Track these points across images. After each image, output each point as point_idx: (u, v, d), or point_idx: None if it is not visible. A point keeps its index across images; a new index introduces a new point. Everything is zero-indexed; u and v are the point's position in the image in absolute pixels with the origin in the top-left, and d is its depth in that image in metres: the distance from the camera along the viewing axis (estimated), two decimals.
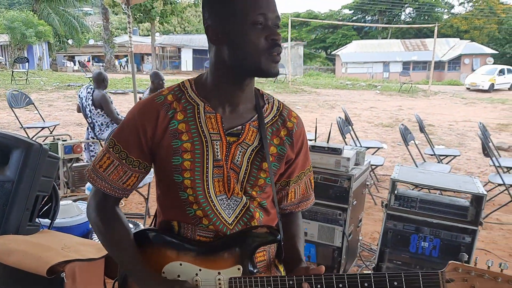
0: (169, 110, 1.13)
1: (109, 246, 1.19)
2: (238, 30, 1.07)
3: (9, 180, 2.42)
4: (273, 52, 1.08)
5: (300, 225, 1.33)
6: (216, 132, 1.13)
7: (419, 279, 1.06)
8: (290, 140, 1.22)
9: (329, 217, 3.01)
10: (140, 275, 1.13)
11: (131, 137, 1.14)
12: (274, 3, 1.10)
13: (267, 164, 1.16)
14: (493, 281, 1.04)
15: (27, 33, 24.99)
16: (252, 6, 1.06)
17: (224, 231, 1.15)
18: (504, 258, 3.80)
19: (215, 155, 1.13)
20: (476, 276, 1.04)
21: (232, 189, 1.15)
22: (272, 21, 1.09)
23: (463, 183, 2.99)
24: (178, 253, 1.15)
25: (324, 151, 3.01)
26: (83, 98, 5.58)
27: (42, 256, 2.04)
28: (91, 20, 45.65)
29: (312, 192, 1.36)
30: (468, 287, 1.05)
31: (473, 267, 1.05)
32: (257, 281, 1.10)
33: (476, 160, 6.89)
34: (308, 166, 1.32)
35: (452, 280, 1.05)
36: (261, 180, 1.17)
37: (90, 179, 1.19)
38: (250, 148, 1.16)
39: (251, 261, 1.14)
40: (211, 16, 1.11)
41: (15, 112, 6.79)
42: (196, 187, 1.13)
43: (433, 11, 43.91)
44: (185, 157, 1.12)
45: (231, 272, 1.12)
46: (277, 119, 1.21)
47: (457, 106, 14.57)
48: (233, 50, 1.09)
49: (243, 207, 1.17)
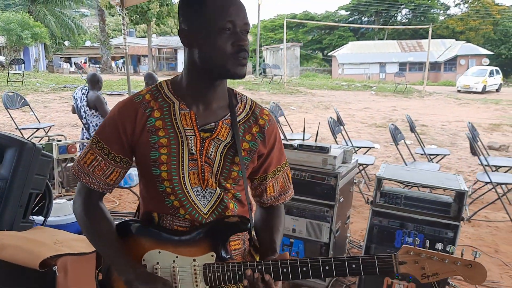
0: (147, 109, 1.21)
1: (93, 238, 1.27)
2: (208, 35, 1.14)
3: (3, 178, 2.50)
4: (239, 56, 1.16)
5: (281, 218, 1.40)
6: (191, 128, 1.21)
7: (375, 262, 1.15)
8: (262, 136, 1.29)
9: (317, 214, 3.09)
10: (120, 266, 1.20)
11: (112, 134, 1.22)
12: (244, 11, 1.17)
13: (239, 158, 1.24)
14: (441, 262, 1.13)
15: (23, 34, 25.01)
16: (221, 13, 1.13)
17: (199, 220, 1.23)
18: (490, 254, 3.88)
19: (189, 149, 1.20)
20: (426, 258, 1.13)
21: (207, 181, 1.23)
22: (240, 27, 1.16)
23: (446, 180, 3.06)
24: (157, 242, 1.22)
25: (312, 150, 3.08)
26: (78, 99, 5.64)
27: (34, 251, 2.11)
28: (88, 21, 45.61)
29: (290, 186, 1.43)
30: (418, 268, 1.14)
31: (423, 250, 1.14)
32: (229, 267, 1.18)
33: (467, 160, 6.98)
34: (284, 161, 1.39)
35: (405, 262, 1.14)
36: (234, 173, 1.25)
37: (76, 174, 1.26)
38: (223, 143, 1.23)
39: (224, 249, 1.21)
40: (184, 21, 1.19)
41: (11, 113, 6.85)
42: (173, 179, 1.21)
43: (429, 12, 44.14)
44: (162, 152, 1.20)
45: (205, 259, 1.19)
46: (249, 117, 1.29)
47: (451, 107, 14.69)
48: (203, 53, 1.17)
49: (218, 198, 1.24)
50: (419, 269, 1.14)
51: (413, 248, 1.14)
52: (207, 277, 1.19)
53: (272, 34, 44.91)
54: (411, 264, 1.14)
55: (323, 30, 46.09)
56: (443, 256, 1.13)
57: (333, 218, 3.05)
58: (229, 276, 1.18)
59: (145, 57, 34.06)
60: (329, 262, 1.16)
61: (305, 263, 1.16)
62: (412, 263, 1.14)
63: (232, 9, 1.14)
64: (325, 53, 45.69)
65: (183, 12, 1.19)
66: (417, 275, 1.14)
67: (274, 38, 43.55)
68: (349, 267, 1.15)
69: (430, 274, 1.13)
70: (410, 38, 39.60)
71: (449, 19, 44.00)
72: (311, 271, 1.16)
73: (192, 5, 1.17)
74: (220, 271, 1.18)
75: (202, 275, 1.19)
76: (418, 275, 1.14)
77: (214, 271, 1.18)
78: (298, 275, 1.16)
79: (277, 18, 46.66)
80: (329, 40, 45.00)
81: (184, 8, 1.19)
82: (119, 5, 5.90)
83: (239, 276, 1.17)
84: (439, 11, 46.29)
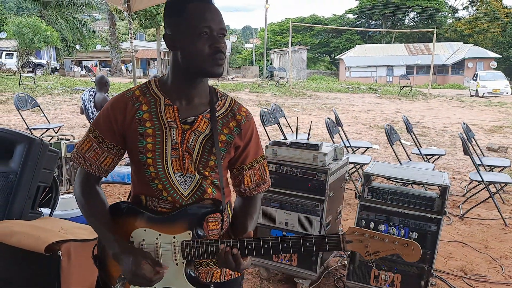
0: (136, 103, 1.39)
1: (88, 217, 1.44)
2: (188, 39, 1.32)
3: (13, 171, 2.67)
4: (216, 57, 1.33)
5: (256, 207, 1.56)
6: (173, 121, 1.38)
7: (325, 240, 1.30)
8: (239, 130, 1.46)
9: (308, 208, 3.23)
10: (109, 241, 1.37)
11: (105, 124, 1.39)
12: (220, 17, 1.33)
13: (216, 149, 1.41)
14: (382, 241, 1.27)
15: (35, 38, 25.45)
16: (199, 19, 1.29)
17: (180, 202, 1.40)
18: (480, 250, 4.01)
19: (172, 139, 1.37)
20: (369, 238, 1.27)
21: (187, 168, 1.39)
22: (217, 31, 1.31)
23: (431, 176, 3.21)
24: (144, 221, 1.39)
25: (303, 147, 3.23)
26: (86, 101, 5.86)
27: (41, 236, 2.29)
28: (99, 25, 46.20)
29: (267, 178, 1.58)
30: (363, 246, 1.28)
31: (367, 231, 1.28)
32: (203, 243, 1.35)
33: (466, 160, 7.07)
34: (261, 154, 1.55)
35: (351, 241, 1.29)
36: (211, 162, 1.41)
37: (75, 159, 1.44)
38: (202, 135, 1.40)
39: (199, 228, 1.38)
40: (168, 26, 1.37)
41: (22, 114, 7.09)
42: (157, 165, 1.38)
43: (436, 15, 44.01)
44: (148, 141, 1.37)
45: (183, 236, 1.36)
46: (228, 112, 1.46)
47: (454, 109, 14.72)
48: (185, 55, 1.34)
49: (197, 183, 1.41)
50: (363, 247, 1.28)
51: (358, 229, 1.28)
52: (184, 252, 1.35)
53: (280, 38, 45.10)
54: (356, 242, 1.28)
55: (331, 33, 46.17)
56: (383, 236, 1.27)
57: (323, 212, 3.19)
58: (203, 252, 1.34)
59: (154, 60, 34.43)
60: (286, 240, 1.31)
61: (266, 241, 1.32)
62: (357, 242, 1.28)
63: (208, 15, 1.30)
64: (332, 56, 45.77)
65: (167, 19, 1.37)
66: (362, 252, 1.29)
67: (281, 41, 43.72)
68: (303, 244, 1.31)
69: (372, 252, 1.27)
70: (417, 41, 39.55)
71: (457, 22, 43.87)
72: (271, 247, 1.32)
73: (174, 13, 1.34)
74: (195, 247, 1.34)
75: (180, 251, 1.35)
76: (362, 252, 1.28)
77: (190, 247, 1.35)
78: (261, 251, 1.32)
79: (284, 21, 46.81)
80: (336, 43, 45.07)
81: (168, 16, 1.36)
82: (127, 10, 6.13)
83: (211, 252, 1.34)
84: (447, 14, 46.15)
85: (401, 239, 1.27)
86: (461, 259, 3.81)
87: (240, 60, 49.61)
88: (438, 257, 3.62)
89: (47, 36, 26.27)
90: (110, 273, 1.43)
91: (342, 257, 3.66)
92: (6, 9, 40.91)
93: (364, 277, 3.11)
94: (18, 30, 25.28)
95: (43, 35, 25.93)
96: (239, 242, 1.33)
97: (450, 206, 5.09)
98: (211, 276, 1.47)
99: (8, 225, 2.46)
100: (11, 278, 2.42)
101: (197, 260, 1.40)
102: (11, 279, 2.42)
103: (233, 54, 46.92)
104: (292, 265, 3.25)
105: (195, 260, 1.39)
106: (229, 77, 30.13)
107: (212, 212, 1.41)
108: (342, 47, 43.64)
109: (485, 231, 4.48)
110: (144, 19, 28.36)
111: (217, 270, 1.48)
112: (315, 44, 46.38)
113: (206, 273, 1.46)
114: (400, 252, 1.27)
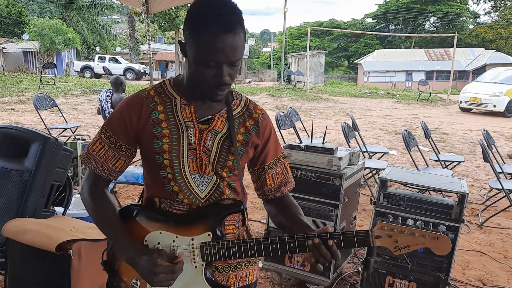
0: (151, 103, 1.35)
1: (98, 221, 1.40)
2: (195, 60, 1.25)
3: (28, 169, 2.69)
4: (218, 89, 1.28)
5: (295, 203, 1.51)
6: (190, 121, 1.35)
7: (354, 236, 1.26)
8: (256, 128, 1.42)
9: (322, 213, 3.18)
10: (121, 244, 1.32)
11: (119, 125, 1.35)
12: (233, 48, 1.22)
13: (234, 149, 1.37)
14: (411, 235, 1.25)
15: (56, 40, 25.94)
16: (209, 49, 1.21)
17: (197, 204, 1.36)
18: (499, 260, 3.90)
19: (189, 139, 1.34)
20: (398, 232, 1.25)
21: (204, 169, 1.35)
22: (227, 63, 1.24)
23: (449, 183, 3.13)
24: (158, 224, 1.34)
25: (318, 151, 3.19)
26: (103, 101, 5.92)
27: (52, 235, 2.29)
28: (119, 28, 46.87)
29: (289, 177, 1.53)
30: (392, 241, 1.25)
31: (396, 226, 1.25)
32: (224, 244, 1.30)
33: (485, 168, 6.91)
34: (281, 153, 1.51)
35: (380, 237, 1.25)
36: (229, 162, 1.37)
37: (85, 161, 1.40)
38: (219, 134, 1.37)
39: (219, 228, 1.33)
40: (184, 36, 1.30)
41: (41, 114, 7.20)
42: (174, 166, 1.34)
43: (458, 20, 43.41)
44: (164, 141, 1.33)
45: (202, 238, 1.31)
46: (244, 111, 1.43)
47: (474, 116, 14.44)
48: (191, 70, 1.30)
49: (214, 184, 1.37)
50: (393, 242, 1.25)
51: (387, 224, 1.25)
52: (204, 254, 1.30)
53: (298, 42, 45.01)
54: (385, 238, 1.25)
55: (349, 38, 45.91)
56: (413, 230, 1.25)
57: (337, 217, 3.14)
58: (223, 253, 1.30)
59: (173, 63, 34.72)
60: (313, 237, 1.26)
61: (292, 239, 1.27)
62: (386, 237, 1.25)
63: (220, 46, 1.20)
64: (350, 60, 45.48)
65: (185, 27, 1.28)
66: (391, 248, 1.25)
67: (299, 45, 43.64)
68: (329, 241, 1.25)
69: (402, 247, 1.25)
70: (437, 46, 39.03)
71: (479, 27, 43.17)
72: (297, 246, 1.27)
73: (190, 28, 1.25)
74: (216, 248, 1.30)
75: (199, 253, 1.31)
76: (391, 247, 1.25)
77: (210, 249, 1.30)
78: (286, 250, 1.28)
79: (303, 25, 46.75)
80: (355, 48, 44.78)
81: (186, 24, 1.28)
82: (145, 12, 6.17)
83: (233, 253, 1.30)
84: (468, 20, 45.48)
85: (431, 233, 1.24)
86: (479, 268, 3.71)
87: (257, 63, 49.66)
88: (455, 266, 3.53)
89: (68, 37, 26.76)
90: (121, 279, 1.39)
91: (356, 263, 3.60)
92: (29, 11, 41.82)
93: (379, 285, 3.04)
94: (40, 31, 25.81)
95: (64, 36, 26.42)
96: (263, 241, 1.29)
97: (469, 214, 4.96)
98: (226, 281, 1.43)
99: (21, 223, 2.47)
100: (22, 275, 2.43)
101: (214, 263, 1.36)
102: (22, 277, 2.43)
103: (251, 58, 47.02)
104: (305, 271, 3.20)
105: (214, 262, 1.34)
106: (247, 81, 30.17)
107: (233, 211, 1.37)
108: (360, 51, 43.33)
109: (505, 240, 4.36)
110: (163, 21, 28.57)
111: (232, 276, 1.44)
112: (334, 49, 46.16)
113: (221, 278, 1.42)
114: (430, 246, 1.25)
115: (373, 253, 3.08)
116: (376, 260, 3.06)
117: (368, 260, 3.08)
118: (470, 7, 47.02)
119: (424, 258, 2.90)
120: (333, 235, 1.26)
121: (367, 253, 3.10)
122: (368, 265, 3.06)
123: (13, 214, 2.61)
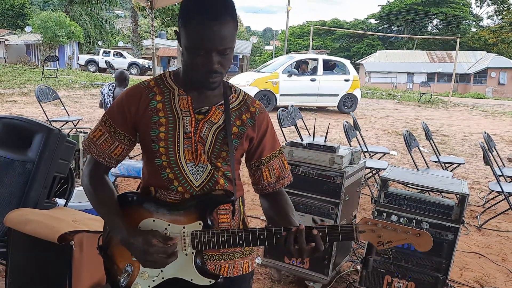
0: (150, 93, 1.40)
1: (96, 205, 1.44)
2: (187, 48, 1.29)
3: (30, 160, 2.71)
4: (209, 77, 1.31)
5: (288, 200, 1.53)
6: (187, 110, 1.39)
7: (338, 230, 1.29)
8: (252, 121, 1.45)
9: (322, 211, 3.19)
10: (116, 227, 1.36)
11: (119, 113, 1.40)
12: (222, 36, 1.25)
13: (228, 140, 1.40)
14: (394, 231, 1.28)
15: (59, 33, 25.92)
16: (198, 37, 1.25)
17: (191, 192, 1.39)
18: (497, 262, 3.91)
19: (185, 128, 1.37)
20: (381, 228, 1.28)
21: (199, 158, 1.39)
22: (216, 51, 1.27)
23: (450, 184, 3.14)
24: (152, 212, 1.39)
25: (320, 149, 3.20)
26: (105, 95, 5.93)
27: (55, 226, 2.30)
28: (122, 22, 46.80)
29: (286, 172, 1.55)
30: (375, 236, 1.28)
31: (379, 221, 1.28)
32: (214, 233, 1.34)
33: (485, 171, 6.93)
34: (278, 148, 1.53)
35: (364, 231, 1.29)
36: (224, 153, 1.41)
37: (86, 148, 1.45)
38: (215, 125, 1.40)
39: (210, 218, 1.37)
40: (179, 25, 1.32)
41: (43, 106, 7.21)
42: (169, 154, 1.38)
43: (460, 23, 43.36)
44: (161, 130, 1.37)
45: (193, 227, 1.35)
46: (242, 105, 1.46)
47: (476, 118, 14.45)
48: (184, 58, 1.34)
49: (209, 173, 1.40)
50: (376, 237, 1.28)
51: (371, 219, 1.29)
52: (194, 242, 1.35)
53: (300, 41, 44.97)
54: (369, 233, 1.29)
55: (352, 38, 45.86)
56: (396, 226, 1.28)
57: (337, 215, 3.15)
58: (213, 242, 1.33)
59: (175, 59, 34.69)
60: (298, 227, 1.30)
61: (288, 229, 1.30)
62: (370, 232, 1.28)
63: (208, 35, 1.24)
64: (352, 61, 45.26)
65: (179, 17, 1.32)
66: (374, 242, 1.29)
67: (302, 44, 43.59)
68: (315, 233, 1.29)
69: (385, 242, 1.28)
70: (440, 48, 38.98)
71: (481, 30, 43.14)
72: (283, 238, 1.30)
73: (181, 16, 1.30)
74: (206, 237, 1.34)
75: (190, 241, 1.35)
76: (375, 242, 1.29)
77: (200, 237, 1.34)
78: (273, 241, 1.31)
79: (305, 24, 46.71)
80: (357, 48, 44.74)
81: (179, 16, 1.32)
82: (149, 7, 6.18)
83: (222, 242, 1.33)
84: (471, 23, 45.43)
85: (413, 229, 1.27)
86: (477, 270, 3.72)
87: (259, 61, 49.57)
88: (454, 268, 3.54)
89: (71, 31, 26.74)
90: (115, 263, 1.43)
91: (355, 262, 3.61)
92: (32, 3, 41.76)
93: (377, 284, 3.06)
94: (43, 24, 25.79)
95: (66, 30, 26.40)
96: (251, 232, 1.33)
97: (468, 216, 4.98)
98: (218, 270, 1.46)
99: (23, 213, 2.48)
100: (24, 265, 2.44)
101: (206, 251, 1.39)
102: (24, 267, 2.44)
103: (253, 56, 46.96)
104: (304, 268, 3.22)
105: (204, 250, 1.37)
106: None
107: (223, 202, 1.40)
108: (362, 52, 43.29)
109: (503, 243, 4.37)
110: (166, 17, 28.56)
111: (225, 265, 1.46)
112: (336, 48, 46.09)
113: (213, 266, 1.45)
114: (412, 242, 1.28)
115: (372, 252, 3.10)
116: (375, 259, 3.08)
117: (367, 259, 3.09)
118: (473, 10, 47.02)
119: (423, 259, 2.92)
120: (318, 227, 1.30)
121: (366, 252, 3.11)
122: (367, 264, 3.08)
123: (15, 204, 2.62)
